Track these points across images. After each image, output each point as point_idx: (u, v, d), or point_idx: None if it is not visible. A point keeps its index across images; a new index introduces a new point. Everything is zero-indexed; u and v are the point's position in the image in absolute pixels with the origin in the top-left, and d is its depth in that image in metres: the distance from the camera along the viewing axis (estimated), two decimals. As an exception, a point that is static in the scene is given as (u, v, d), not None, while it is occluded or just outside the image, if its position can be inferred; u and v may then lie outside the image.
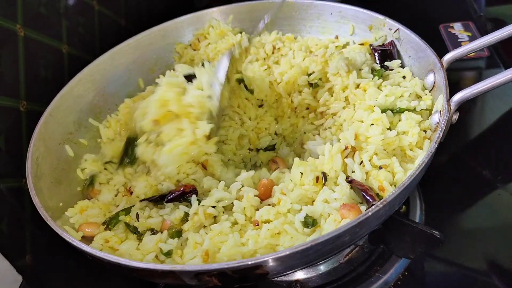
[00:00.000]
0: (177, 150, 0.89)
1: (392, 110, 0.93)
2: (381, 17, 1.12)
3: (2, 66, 1.00)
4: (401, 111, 0.93)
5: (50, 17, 1.16)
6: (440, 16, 1.55)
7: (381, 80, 1.02)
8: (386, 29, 1.11)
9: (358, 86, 1.02)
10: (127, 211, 0.91)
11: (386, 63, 1.09)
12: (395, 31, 1.09)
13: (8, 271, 0.97)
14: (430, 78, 0.97)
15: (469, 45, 0.95)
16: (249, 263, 0.68)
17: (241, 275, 0.71)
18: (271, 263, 0.70)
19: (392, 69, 1.07)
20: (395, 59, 1.09)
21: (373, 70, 1.06)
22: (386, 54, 1.10)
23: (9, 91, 1.03)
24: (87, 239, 0.88)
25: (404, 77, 1.03)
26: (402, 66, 1.08)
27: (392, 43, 1.10)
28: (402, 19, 1.11)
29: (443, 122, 0.83)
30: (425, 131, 0.90)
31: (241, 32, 1.28)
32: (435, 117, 0.90)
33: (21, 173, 1.03)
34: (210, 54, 1.23)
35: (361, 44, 1.15)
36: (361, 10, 1.16)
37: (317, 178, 0.86)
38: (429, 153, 0.78)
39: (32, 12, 1.10)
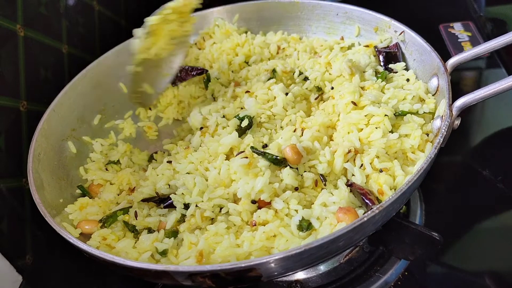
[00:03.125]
0: None
1: (394, 113, 0.92)
2: (386, 19, 1.12)
3: (2, 66, 1.00)
4: (403, 113, 0.92)
5: (50, 17, 1.16)
6: (440, 16, 1.55)
7: (384, 83, 1.02)
8: (392, 31, 1.11)
9: (362, 88, 1.01)
10: (125, 210, 0.91)
11: (390, 66, 1.09)
12: (400, 33, 1.09)
13: (8, 271, 0.97)
14: (434, 82, 0.96)
15: (474, 49, 0.94)
16: (242, 265, 0.68)
17: (234, 277, 0.71)
18: (264, 266, 0.69)
19: (396, 72, 1.07)
20: (399, 61, 1.09)
21: (376, 73, 1.06)
22: (390, 56, 1.09)
23: (9, 91, 1.03)
24: (87, 237, 0.88)
25: (408, 79, 1.03)
26: (407, 68, 1.08)
27: (397, 45, 1.10)
28: (402, 19, 1.10)
29: (444, 127, 0.82)
30: (427, 134, 0.90)
31: (246, 32, 1.28)
32: (437, 122, 0.89)
33: (21, 173, 1.03)
34: (215, 53, 1.23)
35: (366, 46, 1.15)
36: (367, 11, 1.16)
37: (316, 182, 0.85)
38: (428, 159, 0.77)
39: (32, 12, 1.10)
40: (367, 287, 0.92)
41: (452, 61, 0.94)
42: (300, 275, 0.95)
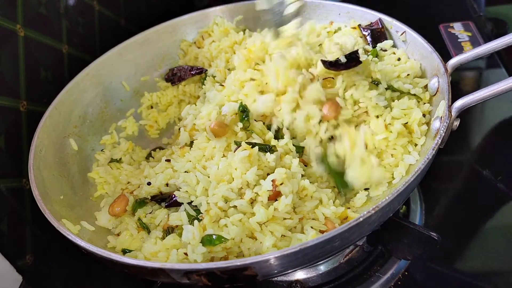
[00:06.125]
0: None
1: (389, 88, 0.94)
2: (388, 19, 1.10)
3: (2, 66, 1.00)
4: (399, 90, 0.94)
5: (50, 17, 1.16)
6: (440, 16, 1.55)
7: (377, 59, 1.01)
8: (393, 31, 1.10)
9: None
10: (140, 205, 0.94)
11: (379, 45, 1.07)
12: (401, 34, 1.08)
13: (8, 271, 0.97)
14: (434, 82, 0.95)
15: (475, 50, 0.93)
16: (237, 264, 0.68)
17: (229, 275, 0.71)
18: (259, 265, 0.69)
19: (385, 50, 1.06)
20: (386, 39, 1.08)
21: (366, 52, 1.05)
22: (376, 34, 1.08)
23: (9, 91, 1.03)
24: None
25: (399, 59, 1.02)
26: (395, 46, 1.07)
27: (379, 21, 1.08)
28: (402, 18, 1.10)
29: (442, 128, 0.82)
30: (424, 115, 0.91)
31: (244, 30, 1.28)
32: (436, 123, 0.89)
33: (21, 173, 1.03)
34: (213, 52, 1.23)
35: (353, 28, 1.14)
36: (369, 11, 1.14)
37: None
38: (426, 160, 0.77)
39: (32, 12, 1.10)
40: (367, 287, 0.92)
41: (453, 62, 0.94)
42: (300, 274, 0.95)
